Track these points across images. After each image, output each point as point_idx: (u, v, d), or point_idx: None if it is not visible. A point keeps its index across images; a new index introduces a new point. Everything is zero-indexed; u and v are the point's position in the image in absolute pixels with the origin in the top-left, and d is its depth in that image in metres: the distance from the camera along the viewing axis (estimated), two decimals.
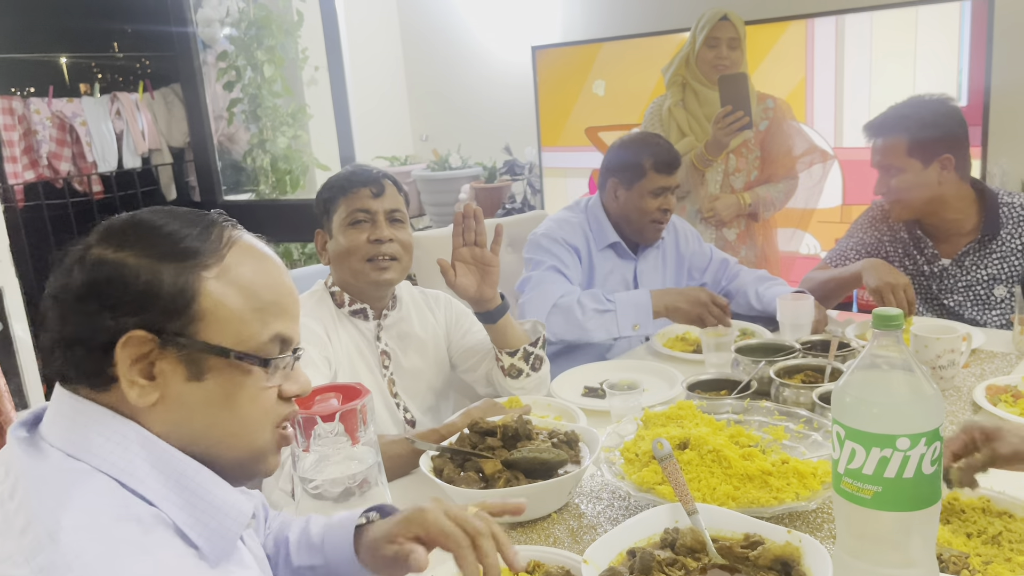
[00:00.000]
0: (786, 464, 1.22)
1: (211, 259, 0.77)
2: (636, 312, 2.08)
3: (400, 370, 1.73)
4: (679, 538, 1.07)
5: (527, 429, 1.35)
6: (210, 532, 0.75)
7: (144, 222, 0.78)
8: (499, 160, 4.46)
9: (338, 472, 1.18)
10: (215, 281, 0.77)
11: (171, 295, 0.74)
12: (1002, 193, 2.09)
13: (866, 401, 0.94)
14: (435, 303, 1.84)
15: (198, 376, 0.76)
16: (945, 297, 2.11)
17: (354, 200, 1.65)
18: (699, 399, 1.51)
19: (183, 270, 0.75)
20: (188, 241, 0.77)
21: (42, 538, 0.65)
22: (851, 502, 0.95)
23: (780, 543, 1.03)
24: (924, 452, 0.91)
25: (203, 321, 0.76)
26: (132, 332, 0.73)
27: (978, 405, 1.55)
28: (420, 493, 1.36)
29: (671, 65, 2.76)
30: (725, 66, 2.63)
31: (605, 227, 2.27)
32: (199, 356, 0.76)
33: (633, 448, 1.32)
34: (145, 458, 0.73)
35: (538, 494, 1.24)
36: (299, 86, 4.43)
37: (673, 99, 2.75)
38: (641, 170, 2.17)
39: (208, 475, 0.77)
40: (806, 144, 2.91)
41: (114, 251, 0.75)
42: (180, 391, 0.76)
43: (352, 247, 1.64)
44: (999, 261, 2.03)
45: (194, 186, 4.60)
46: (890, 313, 0.93)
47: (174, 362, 0.75)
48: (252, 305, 0.79)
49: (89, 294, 0.74)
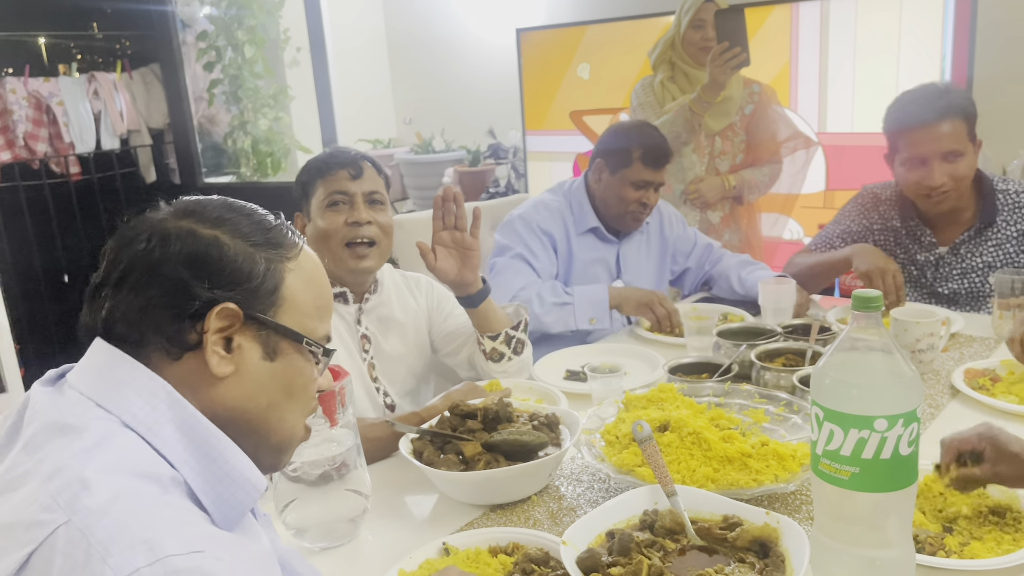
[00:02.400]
0: (766, 446, 1.22)
1: (291, 253, 0.85)
2: (593, 306, 2.09)
3: (380, 354, 1.72)
4: (658, 520, 1.07)
5: (508, 412, 1.35)
6: (222, 501, 0.76)
7: (235, 206, 0.85)
8: (483, 144, 4.44)
9: (317, 454, 1.18)
10: (294, 274, 0.84)
11: (262, 278, 0.81)
12: (997, 180, 2.07)
13: (844, 383, 0.94)
14: (416, 287, 1.82)
15: (271, 356, 0.82)
16: (940, 285, 2.09)
17: (332, 182, 1.63)
18: (680, 382, 1.52)
19: (273, 258, 0.83)
20: (274, 233, 0.84)
21: (73, 484, 0.67)
22: (829, 483, 0.95)
23: (758, 524, 1.03)
24: (901, 433, 0.91)
25: (283, 307, 0.82)
26: (226, 304, 0.78)
27: (956, 388, 1.56)
28: (400, 476, 1.36)
29: (656, 48, 2.74)
30: (711, 47, 2.61)
31: (586, 210, 2.26)
32: (275, 338, 0.82)
33: (614, 431, 1.32)
34: (171, 419, 0.75)
35: (518, 476, 1.23)
36: (280, 67, 4.38)
37: (663, 75, 2.73)
38: (628, 158, 2.15)
39: (229, 444, 0.79)
40: (790, 130, 2.91)
41: (208, 228, 0.80)
42: (254, 367, 0.81)
43: (330, 229, 1.61)
44: (995, 248, 2.02)
45: (174, 168, 4.54)
46: (870, 295, 0.93)
47: (252, 339, 0.80)
48: (316, 303, 0.87)
49: (185, 263, 0.78)
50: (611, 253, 2.29)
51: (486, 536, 1.12)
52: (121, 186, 4.45)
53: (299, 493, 1.18)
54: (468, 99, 4.59)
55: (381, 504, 1.28)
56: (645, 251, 2.34)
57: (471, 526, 1.21)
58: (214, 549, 0.67)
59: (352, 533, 1.21)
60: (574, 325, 2.09)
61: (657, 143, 2.16)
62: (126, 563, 0.63)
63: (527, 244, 2.18)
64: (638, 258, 2.33)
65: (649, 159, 2.14)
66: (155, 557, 0.63)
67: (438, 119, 4.67)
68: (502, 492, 1.26)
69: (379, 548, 1.19)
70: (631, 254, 2.32)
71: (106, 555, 0.63)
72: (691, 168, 2.70)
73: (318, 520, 1.19)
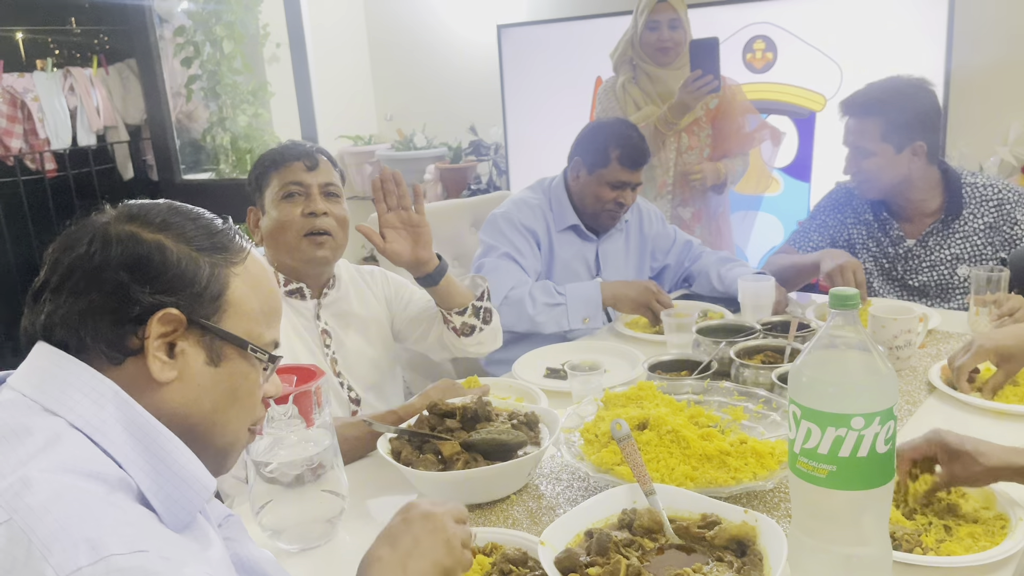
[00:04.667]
0: (744, 444, 1.22)
1: (237, 258, 0.84)
2: (586, 305, 2.08)
3: (342, 349, 1.70)
4: (636, 519, 1.07)
5: (486, 411, 1.34)
6: (172, 502, 0.76)
7: (180, 210, 0.84)
8: (464, 140, 4.43)
9: (293, 455, 1.16)
10: (240, 279, 0.83)
11: (207, 283, 0.80)
12: (965, 174, 2.10)
13: (821, 381, 0.94)
14: (371, 279, 1.79)
15: (215, 362, 0.82)
16: (910, 278, 2.12)
17: (287, 173, 1.60)
18: (660, 380, 1.51)
19: (218, 262, 0.82)
20: (220, 238, 0.84)
21: (15, 484, 0.66)
22: (806, 481, 0.95)
23: (736, 523, 1.03)
24: (878, 431, 0.91)
25: (227, 312, 0.82)
26: (168, 309, 0.77)
27: (933, 385, 1.57)
28: (378, 476, 1.35)
29: (617, 48, 2.74)
30: (668, 47, 2.61)
31: (565, 208, 2.25)
32: (220, 344, 0.81)
33: (593, 429, 1.32)
34: (119, 419, 0.75)
35: (497, 476, 1.23)
36: (260, 63, 4.33)
37: (625, 76, 2.73)
38: (605, 157, 2.14)
39: (178, 445, 0.78)
40: (757, 122, 2.92)
41: (151, 232, 0.80)
42: (198, 372, 0.80)
43: (286, 221, 1.58)
44: (962, 241, 2.05)
45: (152, 164, 4.49)
46: (847, 293, 0.93)
47: (196, 345, 0.80)
48: (263, 308, 0.86)
49: (126, 268, 0.77)
50: (591, 251, 2.29)
51: None
52: (97, 183, 4.40)
53: (275, 494, 1.17)
54: (449, 96, 4.57)
55: (358, 504, 1.27)
56: (624, 248, 2.34)
57: None
58: (160, 549, 0.66)
59: (329, 534, 1.20)
60: (567, 325, 2.08)
61: (635, 144, 2.15)
62: (68, 562, 0.62)
63: (512, 242, 2.16)
64: (617, 255, 2.32)
65: (627, 160, 2.13)
66: (97, 556, 0.62)
67: (419, 116, 4.64)
68: (481, 492, 1.25)
69: (356, 549, 1.17)
70: (611, 251, 2.31)
71: (47, 553, 0.62)
72: (660, 166, 2.70)
73: (294, 521, 1.17)
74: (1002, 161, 3.07)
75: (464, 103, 4.49)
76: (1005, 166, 3.06)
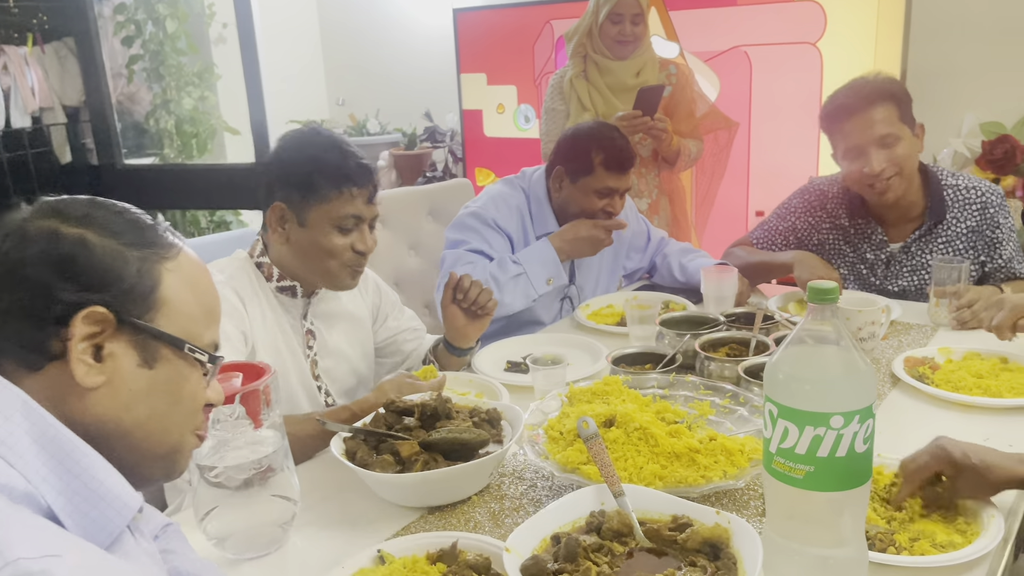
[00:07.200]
0: (713, 441, 1.19)
1: (169, 253, 0.79)
2: (544, 266, 2.00)
3: (324, 350, 1.63)
4: (605, 521, 1.02)
5: (446, 408, 1.28)
6: (89, 521, 0.70)
7: (104, 204, 0.79)
8: (419, 126, 4.34)
9: (240, 458, 1.09)
10: (174, 275, 0.79)
11: (136, 278, 0.75)
12: (946, 175, 2.04)
13: (799, 378, 0.90)
14: (363, 284, 1.72)
15: (150, 363, 0.77)
16: (890, 283, 2.06)
17: (348, 203, 1.47)
18: (624, 373, 1.47)
19: (148, 257, 0.77)
20: (148, 232, 0.79)
21: None
22: (783, 482, 0.91)
23: (709, 525, 0.99)
24: (857, 430, 0.88)
25: (161, 310, 0.77)
26: (94, 307, 0.72)
27: (896, 377, 1.55)
28: (332, 477, 1.28)
29: (574, 34, 2.68)
30: (628, 41, 2.57)
31: (547, 214, 2.13)
32: (153, 344, 0.77)
33: (557, 426, 1.27)
34: (28, 431, 0.69)
35: (457, 477, 1.17)
36: (206, 44, 4.18)
37: (575, 70, 2.67)
38: (589, 165, 2.01)
39: (97, 459, 0.72)
40: (709, 108, 2.91)
41: (72, 226, 0.75)
42: (130, 376, 0.75)
43: (333, 251, 1.49)
44: (944, 246, 2.00)
45: (91, 148, 4.29)
46: (826, 287, 0.89)
47: (127, 346, 0.75)
48: (200, 307, 0.82)
49: (47, 264, 0.72)
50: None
51: (424, 542, 1.05)
52: (33, 167, 4.18)
53: (221, 500, 1.09)
54: (404, 80, 4.47)
55: (311, 508, 1.20)
56: (599, 255, 2.25)
57: (408, 530, 1.14)
58: (75, 555, 0.61)
59: (280, 541, 1.13)
60: (534, 293, 2.01)
61: (619, 145, 2.02)
62: None
63: (485, 238, 2.05)
64: (591, 260, 2.22)
65: (612, 163, 2.00)
66: (3, 561, 0.58)
67: (373, 100, 4.54)
68: (441, 494, 1.19)
69: (309, 556, 1.12)
70: (588, 259, 2.22)
71: None
72: None
73: (242, 528, 1.10)
74: (955, 153, 3.11)
75: (419, 88, 4.40)
76: (958, 158, 3.10)
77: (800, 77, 3.08)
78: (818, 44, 3.03)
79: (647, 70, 2.64)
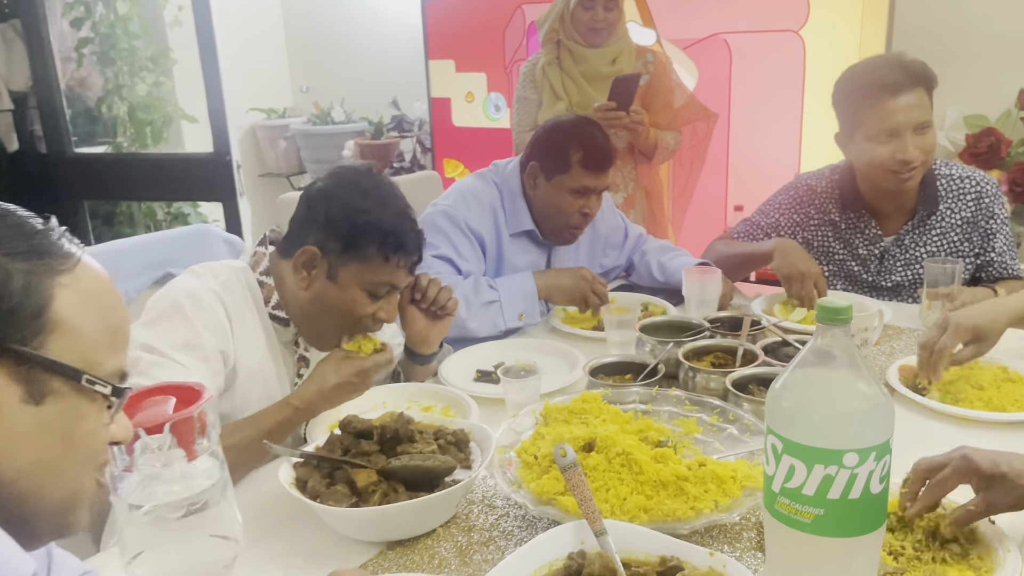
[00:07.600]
0: (703, 467, 1.08)
1: (64, 265, 0.68)
2: (523, 300, 1.89)
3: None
4: (586, 565, 0.91)
5: (408, 430, 1.15)
6: None
7: None
8: (386, 115, 4.19)
9: (172, 495, 0.96)
10: (69, 291, 0.67)
11: (19, 297, 0.64)
12: (940, 163, 1.95)
13: (807, 408, 0.79)
14: None
15: (36, 399, 0.66)
16: (884, 278, 1.98)
17: (390, 271, 1.36)
18: (604, 386, 1.36)
19: (36, 270, 0.65)
20: (39, 240, 0.67)
21: None
22: (788, 526, 0.81)
23: (702, 569, 0.88)
24: (873, 469, 0.78)
25: (52, 335, 0.66)
26: None
27: (892, 387, 1.46)
28: (280, 507, 1.15)
29: (546, 19, 2.56)
30: (601, 28, 2.46)
31: (521, 212, 2.00)
32: (42, 375, 0.66)
33: (531, 449, 1.16)
34: None
35: (421, 510, 1.05)
36: (160, 27, 3.99)
37: (547, 57, 2.56)
38: (566, 162, 1.88)
39: None
40: (687, 99, 2.81)
41: None
42: (11, 414, 0.65)
43: (359, 314, 1.37)
44: (938, 237, 1.92)
45: (40, 136, 4.09)
46: (838, 306, 0.78)
47: (8, 379, 0.64)
48: (103, 328, 0.70)
49: None
50: (543, 256, 2.08)
51: None
52: None
53: (151, 541, 0.96)
54: (370, 67, 4.31)
55: (257, 541, 1.08)
56: (575, 252, 2.13)
57: (365, 567, 1.02)
58: None
59: None
60: (503, 325, 1.87)
61: (599, 143, 1.90)
62: None
63: (453, 243, 1.92)
64: (568, 255, 2.11)
65: (591, 162, 1.87)
66: None
67: (338, 88, 4.37)
68: (402, 528, 1.07)
69: None
70: (565, 257, 2.11)
71: None
72: None
73: (176, 572, 0.97)
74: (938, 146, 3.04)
75: (386, 75, 4.25)
76: (941, 151, 3.02)
77: (782, 66, 2.98)
78: (801, 32, 2.93)
79: (623, 58, 2.54)
